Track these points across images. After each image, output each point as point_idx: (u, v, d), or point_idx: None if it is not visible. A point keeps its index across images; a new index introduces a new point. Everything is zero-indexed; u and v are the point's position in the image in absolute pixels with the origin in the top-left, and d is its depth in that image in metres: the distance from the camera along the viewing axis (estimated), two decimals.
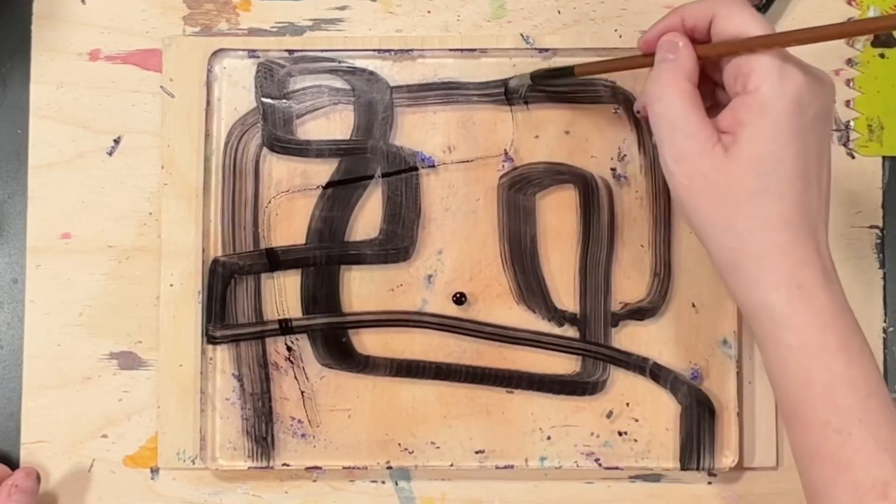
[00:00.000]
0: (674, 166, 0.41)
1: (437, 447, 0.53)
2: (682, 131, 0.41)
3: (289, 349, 0.53)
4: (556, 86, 0.53)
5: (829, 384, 0.40)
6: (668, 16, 0.44)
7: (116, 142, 0.54)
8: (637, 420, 0.53)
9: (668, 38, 0.43)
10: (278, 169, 0.54)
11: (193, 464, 0.52)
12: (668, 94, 0.41)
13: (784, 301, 0.40)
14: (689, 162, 0.41)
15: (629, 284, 0.53)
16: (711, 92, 0.44)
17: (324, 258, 0.53)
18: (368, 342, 0.53)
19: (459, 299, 0.52)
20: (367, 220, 0.54)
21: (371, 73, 0.54)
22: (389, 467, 0.53)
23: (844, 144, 0.54)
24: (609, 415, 0.53)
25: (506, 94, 0.53)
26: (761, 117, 0.40)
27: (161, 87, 0.54)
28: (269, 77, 0.54)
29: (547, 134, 0.54)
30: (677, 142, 0.41)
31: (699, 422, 0.53)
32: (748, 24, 0.41)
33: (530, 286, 0.53)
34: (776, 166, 0.40)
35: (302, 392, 0.53)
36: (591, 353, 0.53)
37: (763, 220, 0.40)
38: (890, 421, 0.39)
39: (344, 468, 0.53)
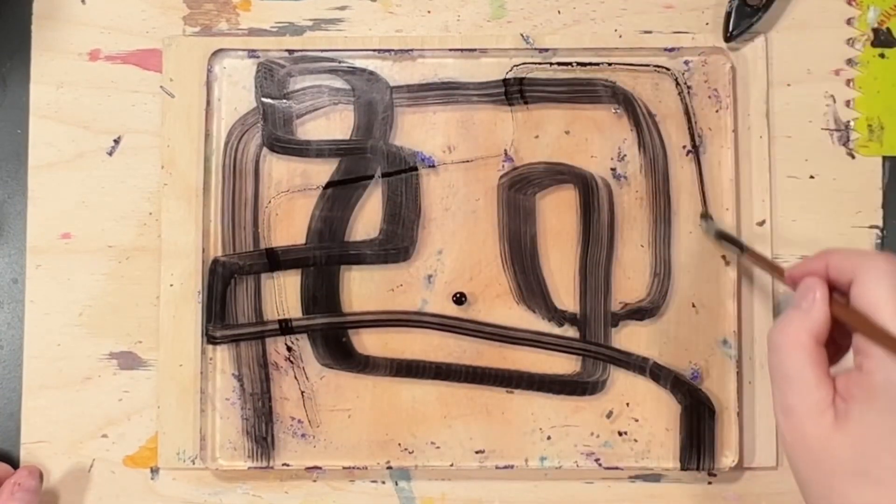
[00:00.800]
0: (781, 417, 0.41)
1: (437, 447, 0.53)
2: (795, 388, 0.40)
3: (289, 349, 0.53)
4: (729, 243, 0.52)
5: None
6: (816, 256, 0.42)
7: (116, 142, 0.54)
8: (637, 420, 0.53)
9: (807, 283, 0.41)
10: (278, 169, 0.54)
11: (193, 464, 0.52)
12: (788, 346, 0.40)
13: None
14: (794, 420, 0.40)
15: (629, 284, 0.53)
16: (847, 335, 0.42)
17: (324, 258, 0.53)
18: (368, 342, 0.53)
19: (459, 299, 0.52)
20: (367, 220, 0.54)
21: (371, 73, 0.54)
22: (389, 467, 0.53)
23: (844, 144, 0.54)
24: (609, 415, 0.53)
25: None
26: (871, 402, 0.38)
27: (161, 87, 0.54)
28: (269, 77, 0.54)
29: (547, 134, 0.54)
30: (789, 397, 0.40)
31: (699, 422, 0.53)
32: (882, 301, 0.39)
33: (530, 286, 0.53)
34: (879, 454, 0.38)
35: (302, 392, 0.53)
36: (591, 353, 0.53)
37: (859, 502, 0.38)
38: None
39: (344, 468, 0.53)
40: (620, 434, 0.53)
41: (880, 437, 0.38)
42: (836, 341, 0.42)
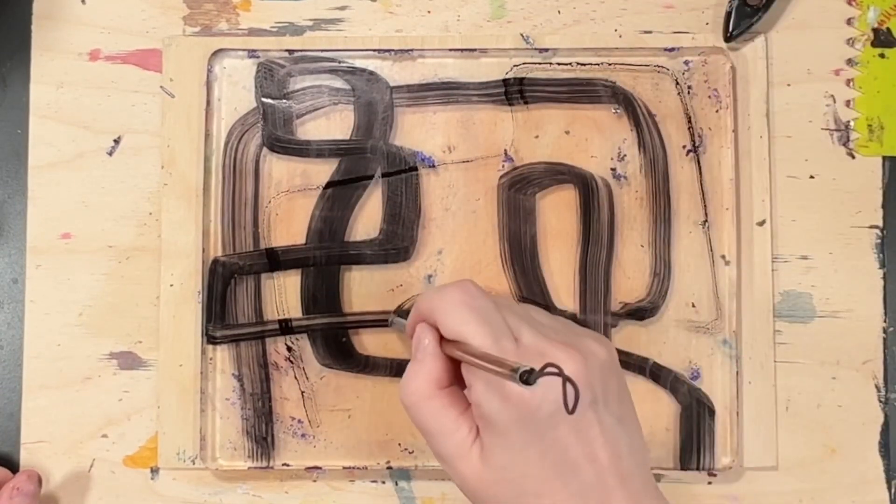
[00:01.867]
0: (442, 465, 0.42)
1: None
2: (437, 438, 0.41)
3: (289, 349, 0.53)
4: None
5: None
6: (414, 306, 0.44)
7: (116, 142, 0.54)
8: None
9: (417, 334, 0.43)
10: (278, 169, 0.54)
11: (193, 464, 0.52)
12: (416, 402, 0.41)
13: None
14: (451, 466, 0.41)
15: (629, 284, 0.53)
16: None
17: (324, 258, 0.53)
18: (368, 342, 0.53)
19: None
20: (367, 220, 0.54)
21: (371, 73, 0.54)
22: (389, 467, 0.53)
23: (844, 144, 0.54)
24: None
25: None
26: (491, 431, 0.39)
27: (161, 87, 0.54)
28: (269, 77, 0.54)
29: (547, 134, 0.54)
30: (437, 447, 0.41)
31: (699, 422, 0.53)
32: (466, 332, 0.40)
33: (530, 286, 0.53)
34: (524, 471, 0.39)
35: (302, 392, 0.53)
36: None
37: None
38: None
39: (344, 468, 0.53)
40: None
41: (515, 458, 0.39)
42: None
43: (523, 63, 0.54)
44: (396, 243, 0.53)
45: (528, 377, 0.35)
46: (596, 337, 0.42)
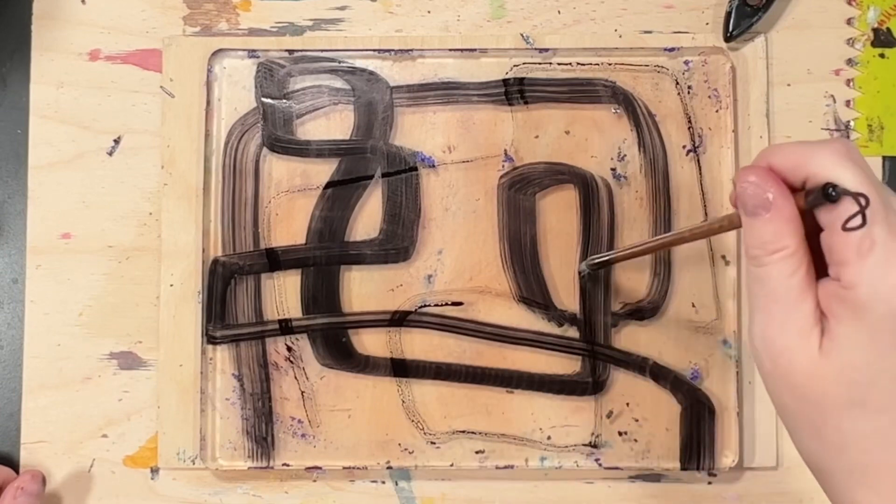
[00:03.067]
0: (759, 343, 0.35)
1: (437, 447, 0.53)
2: (775, 305, 0.34)
3: (289, 349, 0.53)
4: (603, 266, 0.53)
5: None
6: (755, 160, 0.36)
7: (116, 142, 0.54)
8: (637, 420, 0.53)
9: (757, 182, 0.34)
10: (278, 169, 0.54)
11: (193, 464, 0.52)
12: (759, 256, 0.35)
13: None
14: (776, 347, 0.34)
15: (629, 284, 0.53)
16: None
17: (324, 258, 0.53)
18: (368, 342, 0.53)
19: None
20: (367, 220, 0.54)
21: (371, 73, 0.54)
22: (389, 467, 0.53)
23: None
24: (609, 415, 0.53)
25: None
26: (857, 321, 0.33)
27: (161, 87, 0.54)
28: (269, 77, 0.54)
29: (547, 134, 0.54)
30: (769, 317, 0.35)
31: (699, 422, 0.53)
32: (849, 182, 0.33)
33: (530, 286, 0.53)
34: (874, 379, 0.33)
35: (302, 392, 0.53)
36: (591, 352, 0.53)
37: (857, 436, 0.34)
38: None
39: (344, 468, 0.53)
40: (620, 434, 0.53)
41: (873, 361, 0.33)
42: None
43: (523, 63, 0.54)
44: (396, 243, 0.53)
45: (833, 191, 0.32)
46: None
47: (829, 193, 0.32)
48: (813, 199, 0.33)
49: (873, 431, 0.34)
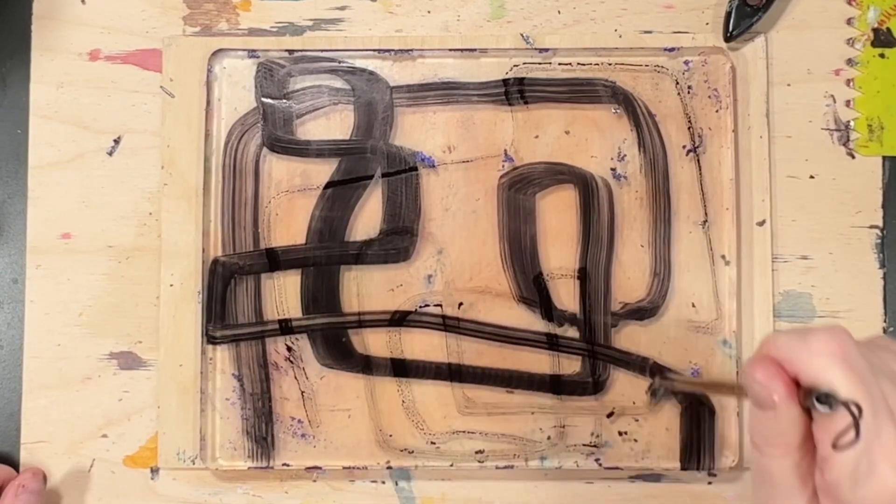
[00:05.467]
0: None
1: (437, 447, 0.53)
2: (776, 497, 0.35)
3: (289, 349, 0.53)
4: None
5: None
6: (759, 348, 0.35)
7: (116, 142, 0.54)
8: (637, 420, 0.53)
9: (762, 382, 0.34)
10: (278, 169, 0.54)
11: (193, 464, 0.52)
12: (767, 452, 0.35)
13: None
14: None
15: (629, 284, 0.53)
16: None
17: (324, 258, 0.53)
18: (368, 342, 0.53)
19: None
20: (367, 220, 0.54)
21: (371, 73, 0.54)
22: (389, 467, 0.53)
23: (844, 144, 0.54)
24: (609, 415, 0.53)
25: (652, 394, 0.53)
26: None
27: (161, 87, 0.54)
28: (269, 77, 0.54)
29: (547, 134, 0.54)
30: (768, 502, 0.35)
31: (699, 422, 0.53)
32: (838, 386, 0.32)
33: (530, 286, 0.53)
34: None
35: (302, 392, 0.53)
36: (590, 352, 0.53)
37: None
38: None
39: (344, 468, 0.53)
40: (620, 434, 0.53)
41: None
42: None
43: (523, 63, 0.54)
44: (396, 243, 0.53)
45: (826, 399, 0.31)
46: None
47: (822, 401, 0.31)
48: (809, 402, 0.32)
49: None
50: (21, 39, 0.55)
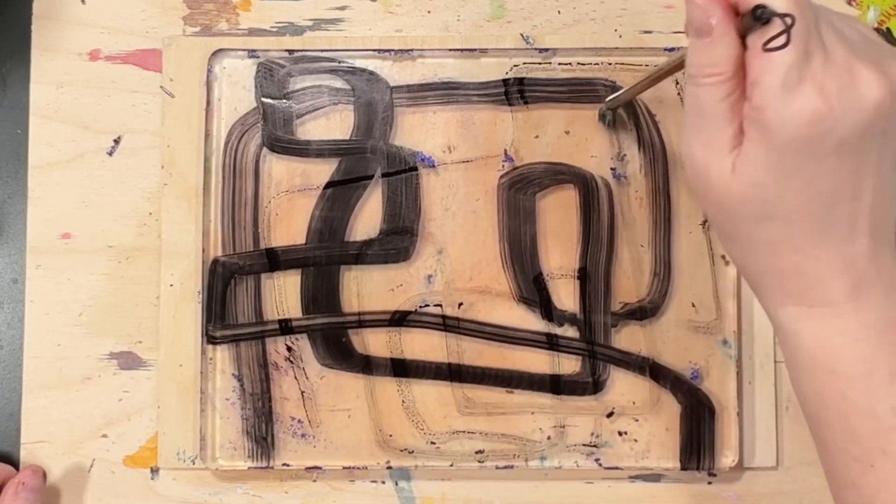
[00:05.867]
0: (687, 155, 0.37)
1: (437, 447, 0.53)
2: (705, 128, 0.36)
3: (289, 349, 0.53)
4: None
5: (846, 412, 0.36)
6: None
7: (116, 142, 0.54)
8: (637, 420, 0.53)
9: (701, 6, 0.35)
10: (278, 169, 0.54)
11: (193, 464, 0.52)
12: (699, 79, 0.35)
13: (792, 318, 0.36)
14: (699, 162, 0.36)
15: (629, 284, 0.53)
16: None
17: (324, 258, 0.53)
18: (368, 342, 0.53)
19: None
20: (367, 220, 0.54)
21: (371, 73, 0.54)
22: (389, 467, 0.53)
23: None
24: (609, 415, 0.53)
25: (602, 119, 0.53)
26: (765, 143, 0.34)
27: (161, 87, 0.54)
28: (269, 77, 0.54)
29: (547, 134, 0.54)
30: (697, 140, 0.36)
31: (699, 422, 0.53)
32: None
33: (530, 286, 0.53)
34: (780, 194, 0.35)
35: (302, 392, 0.53)
36: (590, 353, 0.53)
37: (765, 243, 0.36)
38: None
39: (344, 468, 0.53)
40: (620, 434, 0.53)
41: (779, 179, 0.34)
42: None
43: (523, 63, 0.54)
44: (396, 243, 0.53)
45: (761, 12, 0.33)
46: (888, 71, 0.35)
47: (758, 14, 0.33)
48: (746, 22, 0.34)
49: (781, 239, 0.36)
50: (21, 39, 0.55)
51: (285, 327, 0.53)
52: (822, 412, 0.37)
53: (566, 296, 0.53)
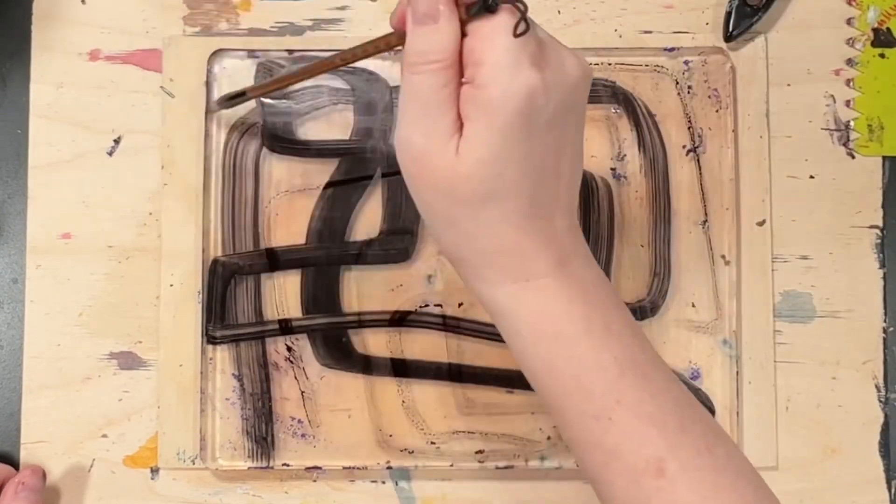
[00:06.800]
0: (404, 146, 0.37)
1: (437, 447, 0.53)
2: (425, 117, 0.37)
3: (289, 349, 0.53)
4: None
5: (577, 373, 0.37)
6: None
7: (116, 142, 0.54)
8: None
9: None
10: (278, 169, 0.54)
11: (193, 464, 0.52)
12: (419, 68, 0.36)
13: (512, 295, 0.38)
14: (420, 151, 0.37)
15: (629, 284, 0.53)
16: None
17: (324, 258, 0.53)
18: (368, 342, 0.53)
19: None
20: (367, 220, 0.54)
21: (371, 73, 0.54)
22: (389, 467, 0.53)
23: (844, 144, 0.54)
24: None
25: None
26: (488, 120, 0.36)
27: (161, 87, 0.54)
28: (269, 77, 0.54)
29: None
30: (417, 129, 0.37)
31: None
32: None
33: None
34: (502, 171, 0.36)
35: (302, 392, 0.53)
36: None
37: (487, 223, 0.37)
38: (652, 394, 0.37)
39: (344, 468, 0.53)
40: None
41: (501, 155, 0.36)
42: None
43: None
44: (396, 243, 0.53)
45: (493, 1, 0.35)
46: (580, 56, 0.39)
47: (490, 4, 0.35)
48: (476, 10, 0.35)
49: (501, 218, 0.37)
50: (21, 39, 0.55)
51: (285, 327, 0.53)
52: (555, 380, 0.38)
53: None
